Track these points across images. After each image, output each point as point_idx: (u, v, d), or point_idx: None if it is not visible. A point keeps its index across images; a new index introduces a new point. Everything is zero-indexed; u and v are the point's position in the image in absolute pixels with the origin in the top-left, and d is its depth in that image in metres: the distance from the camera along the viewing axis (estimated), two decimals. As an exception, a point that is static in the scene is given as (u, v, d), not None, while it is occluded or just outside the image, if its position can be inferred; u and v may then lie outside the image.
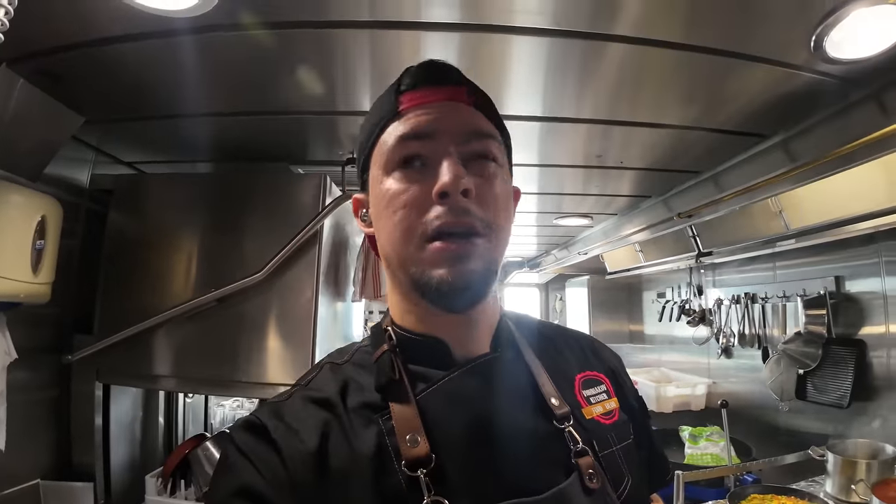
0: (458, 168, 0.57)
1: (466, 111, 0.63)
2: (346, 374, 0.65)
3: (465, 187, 0.56)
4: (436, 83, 0.63)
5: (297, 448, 0.57)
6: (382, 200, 0.61)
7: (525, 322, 0.76)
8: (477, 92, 0.65)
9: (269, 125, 1.60)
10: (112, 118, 1.55)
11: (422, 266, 0.58)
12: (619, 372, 0.77)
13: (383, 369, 0.63)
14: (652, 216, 2.53)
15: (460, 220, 0.57)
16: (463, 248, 0.57)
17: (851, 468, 1.58)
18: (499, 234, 0.61)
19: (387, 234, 0.61)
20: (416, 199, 0.58)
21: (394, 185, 0.60)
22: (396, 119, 0.62)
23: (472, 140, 0.61)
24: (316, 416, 0.60)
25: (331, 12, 1.00)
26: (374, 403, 0.61)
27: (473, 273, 0.57)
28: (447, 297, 0.58)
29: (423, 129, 0.60)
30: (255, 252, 1.65)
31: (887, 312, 1.81)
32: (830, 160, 1.41)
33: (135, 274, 1.71)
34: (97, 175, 1.82)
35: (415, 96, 0.62)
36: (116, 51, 1.14)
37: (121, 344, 1.62)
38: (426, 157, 0.59)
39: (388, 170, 0.61)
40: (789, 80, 1.26)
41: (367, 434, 0.58)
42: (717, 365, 3.00)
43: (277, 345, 1.63)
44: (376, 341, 0.68)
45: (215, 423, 2.55)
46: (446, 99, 0.62)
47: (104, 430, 1.74)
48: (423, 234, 0.57)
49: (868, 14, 0.97)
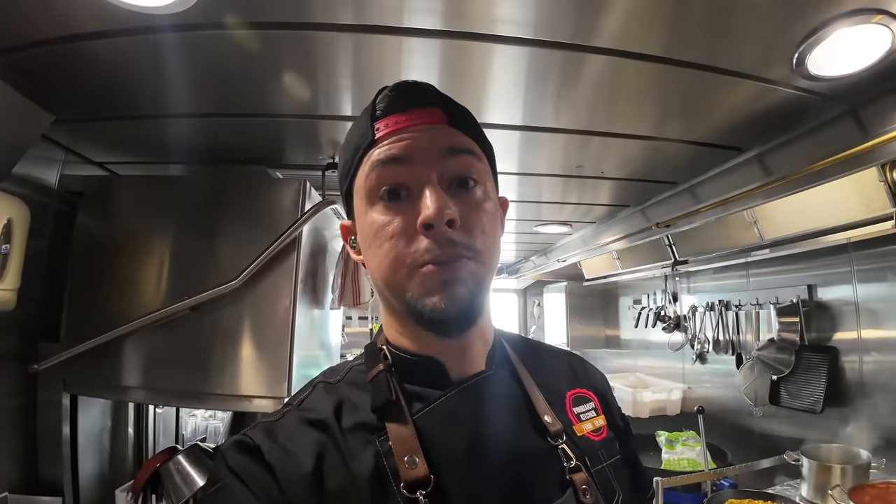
0: (440, 199, 0.57)
1: (442, 131, 0.62)
2: (340, 393, 0.65)
3: (449, 217, 0.56)
4: (410, 106, 0.62)
5: (292, 471, 0.56)
6: (369, 233, 0.62)
7: (515, 340, 0.78)
8: (453, 110, 0.65)
9: (248, 127, 1.56)
10: (84, 117, 1.49)
11: (414, 293, 0.58)
12: (605, 390, 0.79)
13: (379, 389, 0.62)
14: (630, 225, 2.57)
15: (447, 252, 0.57)
16: (452, 272, 0.57)
17: (826, 473, 1.61)
18: (487, 257, 0.61)
19: (376, 264, 0.61)
20: (401, 230, 0.59)
21: (378, 217, 0.60)
22: (373, 147, 0.62)
23: (450, 158, 0.61)
24: (311, 437, 0.59)
25: (313, 14, 0.98)
26: (370, 424, 0.61)
27: (464, 297, 0.58)
28: (440, 324, 0.58)
29: (400, 155, 0.60)
30: (230, 258, 1.60)
31: (859, 319, 1.86)
32: (806, 175, 1.44)
33: (104, 280, 1.64)
34: (66, 176, 1.74)
35: (390, 122, 0.61)
36: (91, 48, 1.10)
37: (89, 353, 1.55)
38: (407, 185, 0.60)
39: (371, 201, 0.62)
40: (768, 95, 1.28)
41: (364, 455, 0.58)
42: (692, 370, 3.05)
43: (253, 355, 1.59)
44: (371, 360, 0.68)
45: (187, 435, 2.48)
46: (421, 123, 0.61)
47: (72, 442, 1.68)
48: (413, 263, 0.58)
49: (850, 33, 0.99)
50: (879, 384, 1.78)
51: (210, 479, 0.59)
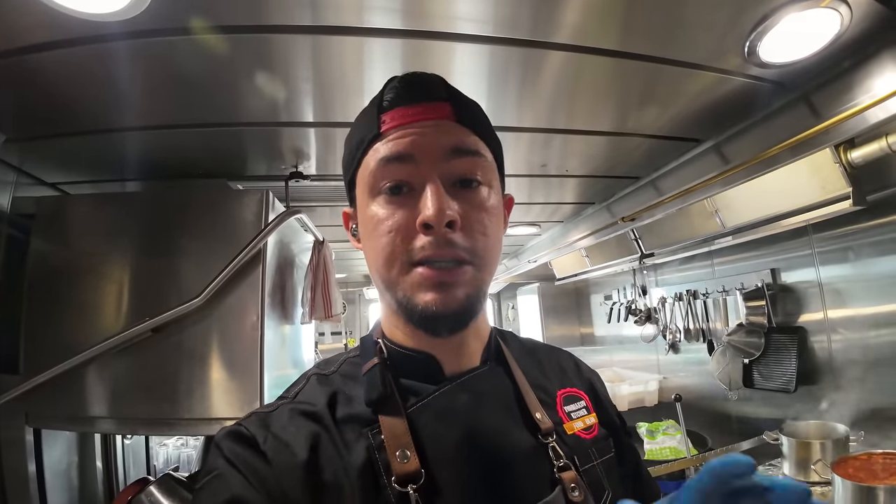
0: (440, 199, 0.56)
1: (449, 129, 0.61)
2: (334, 384, 0.65)
3: (449, 219, 0.56)
4: (417, 100, 0.61)
5: (287, 461, 0.56)
6: (369, 225, 0.61)
7: (510, 337, 0.78)
8: (461, 105, 0.63)
9: (205, 138, 1.52)
10: (35, 134, 1.43)
11: (407, 291, 0.58)
12: (597, 388, 0.79)
13: (374, 383, 0.62)
14: (596, 222, 2.62)
15: (445, 252, 0.56)
16: (448, 275, 0.57)
17: (806, 449, 1.64)
18: (486, 260, 0.60)
19: (373, 256, 0.61)
20: (400, 226, 0.58)
21: (378, 210, 0.60)
22: (378, 140, 0.61)
23: (455, 159, 0.59)
24: (305, 427, 0.59)
25: (270, 15, 0.97)
26: (363, 416, 0.61)
27: (458, 300, 0.58)
28: (432, 323, 0.58)
29: (404, 152, 0.59)
30: (192, 276, 1.54)
31: (824, 299, 1.91)
32: (762, 160, 1.48)
33: (61, 306, 1.56)
34: (19, 198, 1.65)
35: (396, 115, 0.61)
36: (39, 60, 1.06)
37: (50, 383, 1.47)
38: (410, 182, 0.59)
39: (372, 194, 0.61)
40: (723, 85, 1.32)
41: (357, 447, 0.58)
42: (666, 361, 3.10)
43: (221, 376, 1.53)
44: (366, 352, 0.68)
45: (159, 465, 2.37)
46: (428, 118, 0.60)
47: (39, 480, 1.58)
48: (408, 261, 0.57)
49: (799, 18, 1.02)
50: (849, 360, 1.83)
51: (206, 468, 0.58)
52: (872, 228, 1.69)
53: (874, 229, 1.69)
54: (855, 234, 1.76)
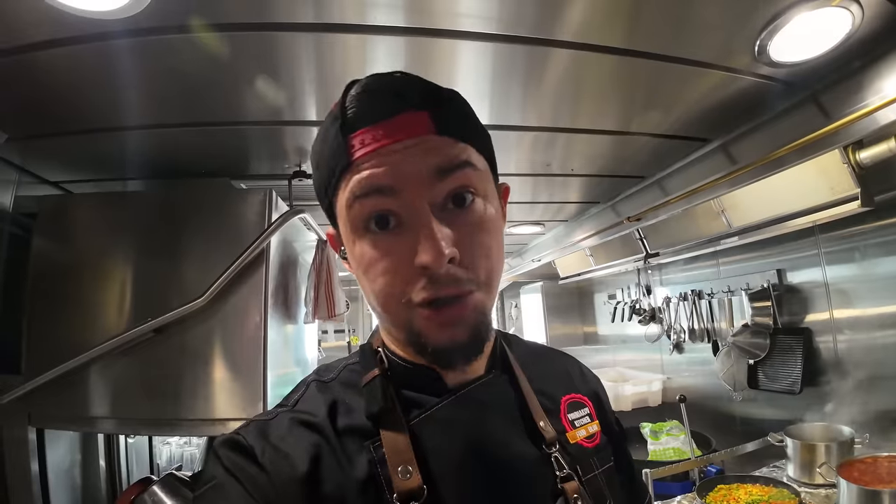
0: (436, 242, 0.50)
1: (430, 145, 0.53)
2: (334, 393, 0.63)
3: (450, 258, 0.51)
4: (388, 114, 0.53)
5: (286, 473, 0.54)
6: (360, 262, 0.56)
7: (515, 342, 0.77)
8: (440, 110, 0.55)
9: (208, 137, 1.51)
10: (37, 133, 1.42)
11: (413, 329, 0.55)
12: (600, 395, 0.78)
13: (375, 396, 0.60)
14: (601, 221, 2.60)
15: (448, 291, 0.52)
16: (455, 311, 0.53)
17: (811, 452, 1.63)
18: (491, 282, 0.56)
19: (372, 294, 0.57)
20: (396, 267, 0.53)
21: (368, 250, 0.54)
22: (350, 171, 0.53)
23: (443, 179, 0.53)
24: (305, 439, 0.57)
25: (273, 13, 0.95)
26: (363, 428, 0.58)
27: (469, 332, 0.54)
28: (445, 359, 0.56)
29: (383, 185, 0.52)
30: (195, 276, 1.54)
31: (830, 300, 1.89)
32: (770, 161, 1.46)
33: (64, 305, 1.56)
34: (21, 197, 1.65)
35: (367, 138, 0.52)
36: (41, 58, 1.05)
37: (52, 383, 1.47)
38: (395, 211, 0.53)
39: (357, 233, 0.55)
40: (732, 84, 1.30)
41: (359, 461, 0.56)
42: (670, 360, 3.08)
43: (224, 376, 1.53)
44: (366, 362, 0.65)
45: (162, 464, 2.38)
46: (405, 136, 0.52)
47: (42, 479, 1.59)
48: (410, 303, 0.53)
49: (811, 17, 1.01)
50: (855, 361, 1.81)
51: (203, 477, 0.57)
52: (879, 229, 1.68)
53: (881, 230, 1.67)
54: (861, 235, 1.75)
